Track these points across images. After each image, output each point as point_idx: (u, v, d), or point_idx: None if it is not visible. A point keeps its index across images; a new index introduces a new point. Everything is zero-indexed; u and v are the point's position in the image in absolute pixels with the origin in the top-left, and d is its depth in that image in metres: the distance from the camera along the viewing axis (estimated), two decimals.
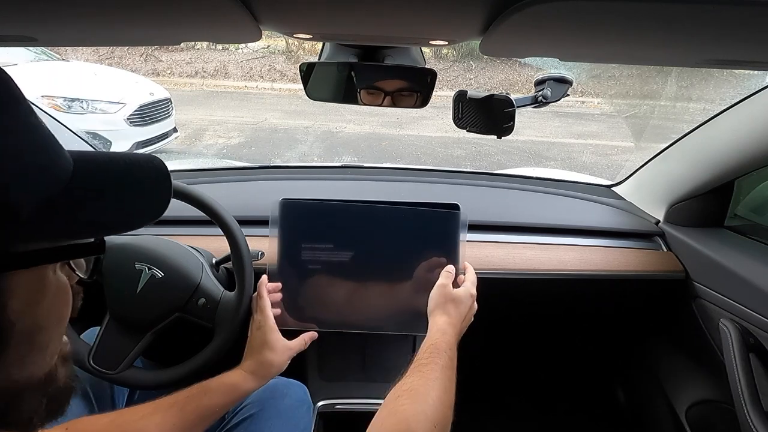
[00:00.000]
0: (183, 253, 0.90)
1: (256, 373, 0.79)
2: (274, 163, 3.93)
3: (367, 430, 0.59)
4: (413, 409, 0.60)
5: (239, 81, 7.59)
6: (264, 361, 0.80)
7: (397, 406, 0.61)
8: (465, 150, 5.19)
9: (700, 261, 1.08)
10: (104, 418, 0.68)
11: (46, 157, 0.33)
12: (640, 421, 1.35)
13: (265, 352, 0.81)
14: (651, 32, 0.47)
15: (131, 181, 0.38)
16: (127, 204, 0.38)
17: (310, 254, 0.98)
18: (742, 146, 1.00)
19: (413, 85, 0.87)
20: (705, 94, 4.97)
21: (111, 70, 5.75)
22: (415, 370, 0.68)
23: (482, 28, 0.49)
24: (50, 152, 0.34)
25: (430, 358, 0.69)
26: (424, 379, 0.66)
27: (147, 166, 0.40)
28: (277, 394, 0.87)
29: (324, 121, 5.84)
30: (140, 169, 0.39)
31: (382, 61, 0.83)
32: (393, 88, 0.88)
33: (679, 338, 1.24)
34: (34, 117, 0.33)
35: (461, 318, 0.81)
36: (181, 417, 0.70)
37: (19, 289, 0.33)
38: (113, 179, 0.37)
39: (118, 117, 3.97)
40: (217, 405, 0.74)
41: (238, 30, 0.56)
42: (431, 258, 0.95)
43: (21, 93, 0.33)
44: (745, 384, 0.87)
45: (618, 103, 6.86)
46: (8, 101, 0.32)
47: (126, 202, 0.38)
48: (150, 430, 0.67)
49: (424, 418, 0.59)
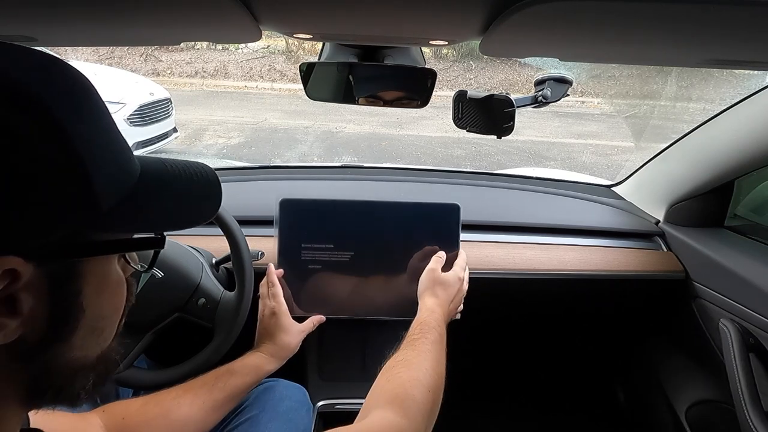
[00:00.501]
0: (183, 253, 0.90)
1: (275, 355, 0.85)
2: (274, 163, 3.93)
3: (367, 396, 0.64)
4: (408, 375, 0.66)
5: (239, 81, 7.59)
6: (282, 343, 0.86)
7: (393, 374, 0.67)
8: (465, 150, 5.19)
9: (700, 261, 1.08)
10: (138, 401, 0.72)
11: (123, 158, 0.38)
12: (640, 421, 1.35)
13: (281, 335, 0.86)
14: (651, 32, 0.47)
15: (186, 185, 0.43)
16: (182, 205, 0.43)
17: (310, 254, 0.98)
18: (742, 146, 1.00)
19: (412, 93, 0.88)
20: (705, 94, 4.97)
21: (111, 70, 5.75)
22: (407, 344, 0.73)
23: (482, 28, 0.49)
24: (125, 153, 0.38)
25: (421, 333, 0.75)
26: (417, 351, 0.71)
27: (200, 170, 0.45)
28: (276, 396, 0.87)
29: (324, 121, 5.84)
30: (194, 174, 0.44)
31: (382, 61, 0.83)
32: (391, 97, 0.88)
33: (679, 338, 1.24)
34: (111, 120, 0.38)
35: (449, 299, 0.85)
36: (210, 396, 0.75)
37: (91, 277, 0.36)
38: (171, 183, 0.42)
39: (118, 117, 3.96)
40: (243, 384, 0.80)
41: (238, 30, 0.56)
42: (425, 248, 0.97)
43: (99, 95, 0.37)
44: (745, 384, 0.87)
45: (618, 103, 6.86)
46: (93, 102, 0.36)
47: (182, 203, 0.43)
48: (183, 409, 0.72)
49: (418, 383, 0.64)
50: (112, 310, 0.41)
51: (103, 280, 0.38)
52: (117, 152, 0.37)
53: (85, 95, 0.36)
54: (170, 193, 0.42)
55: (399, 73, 0.87)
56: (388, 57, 0.83)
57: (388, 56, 0.83)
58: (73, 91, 0.35)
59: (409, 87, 0.88)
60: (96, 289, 0.37)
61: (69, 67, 0.36)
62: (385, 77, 0.88)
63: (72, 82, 0.35)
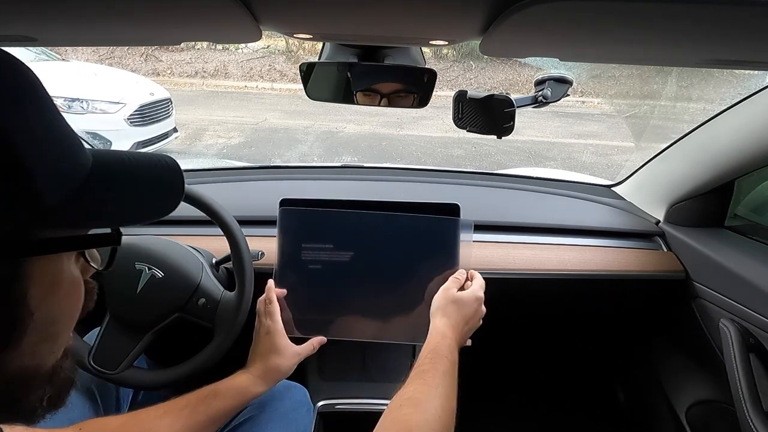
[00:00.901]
0: (183, 253, 0.90)
1: (264, 378, 0.79)
2: (274, 163, 3.93)
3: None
4: (416, 418, 0.60)
5: (239, 81, 7.59)
6: (272, 365, 0.80)
7: (400, 415, 0.61)
8: (465, 150, 5.19)
9: (700, 261, 1.08)
10: (117, 420, 0.69)
11: (67, 149, 0.36)
12: (640, 421, 1.35)
13: (273, 357, 0.80)
14: (651, 32, 0.47)
15: (146, 176, 0.40)
16: (142, 197, 0.40)
17: (311, 254, 0.98)
18: (742, 146, 0.99)
19: (410, 86, 0.87)
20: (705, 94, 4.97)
21: (111, 70, 5.75)
22: (416, 377, 0.67)
23: (482, 28, 0.49)
24: (72, 144, 0.36)
25: (431, 363, 0.69)
26: (426, 386, 0.65)
27: (160, 162, 0.42)
28: (276, 396, 0.87)
29: (324, 121, 5.84)
30: (154, 165, 0.41)
31: (382, 61, 0.83)
32: (389, 90, 0.88)
33: (679, 338, 1.24)
34: (56, 112, 0.36)
35: (464, 320, 0.79)
36: (192, 418, 0.70)
37: (38, 278, 0.34)
38: (129, 173, 0.39)
39: (118, 117, 3.97)
40: (227, 408, 0.75)
41: (238, 30, 0.56)
42: (437, 268, 0.94)
43: (45, 89, 0.35)
44: (745, 384, 0.87)
45: (618, 103, 6.86)
46: (35, 95, 0.34)
47: (141, 195, 0.40)
48: (162, 430, 0.68)
49: (427, 427, 0.59)
50: (66, 314, 0.38)
51: (55, 281, 0.36)
52: (62, 144, 0.35)
53: (25, 87, 0.34)
54: (126, 185, 0.39)
55: (399, 72, 0.87)
56: (388, 57, 0.83)
57: (388, 56, 0.83)
58: (13, 83, 0.33)
59: (409, 87, 0.88)
60: (46, 291, 0.35)
61: (8, 59, 0.34)
62: (385, 77, 0.88)
63: (11, 74, 0.33)
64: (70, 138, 0.36)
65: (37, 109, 0.34)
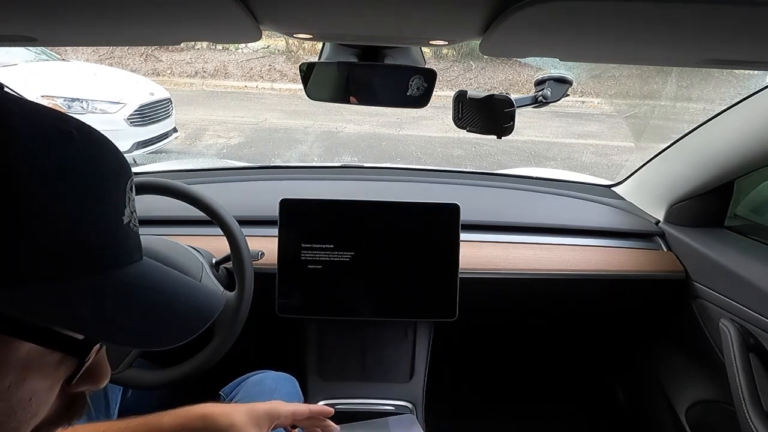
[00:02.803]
0: (183, 253, 0.90)
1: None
2: (274, 163, 3.93)
3: None
4: None
5: (239, 81, 7.58)
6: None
7: None
8: (465, 150, 5.19)
9: (700, 261, 1.08)
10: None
11: (81, 236, 0.32)
12: (640, 421, 1.35)
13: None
14: (651, 32, 0.47)
15: (173, 307, 0.36)
16: (151, 326, 0.35)
17: (311, 254, 0.99)
18: (742, 146, 0.99)
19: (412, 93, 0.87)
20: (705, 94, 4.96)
21: (111, 70, 5.75)
22: None
23: (482, 28, 0.49)
24: (100, 235, 0.33)
25: None
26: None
27: (199, 301, 0.37)
28: (266, 390, 0.86)
29: (324, 121, 5.83)
30: (193, 300, 0.37)
31: (382, 61, 0.83)
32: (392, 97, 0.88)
33: (679, 338, 1.24)
34: (108, 200, 0.33)
35: None
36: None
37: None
38: (156, 296, 0.36)
39: (118, 117, 3.96)
40: None
41: (238, 30, 0.55)
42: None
43: (108, 178, 0.33)
44: (745, 384, 0.87)
45: (618, 103, 6.86)
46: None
47: (152, 324, 0.35)
48: None
49: None
50: (24, 409, 0.32)
51: (21, 368, 0.31)
52: (82, 226, 0.31)
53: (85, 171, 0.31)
54: (136, 301, 0.34)
55: (399, 72, 0.86)
56: (389, 57, 0.83)
57: (389, 56, 0.83)
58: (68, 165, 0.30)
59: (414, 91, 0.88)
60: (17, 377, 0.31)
61: (96, 142, 0.32)
62: (385, 77, 0.88)
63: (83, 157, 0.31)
64: (117, 230, 0.33)
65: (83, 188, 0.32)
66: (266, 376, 0.89)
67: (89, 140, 0.33)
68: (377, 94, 0.87)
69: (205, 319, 0.37)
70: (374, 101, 0.89)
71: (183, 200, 0.87)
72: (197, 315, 0.37)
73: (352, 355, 1.11)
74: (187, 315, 0.37)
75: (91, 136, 0.34)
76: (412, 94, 0.85)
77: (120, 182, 0.34)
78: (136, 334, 0.34)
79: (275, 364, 0.95)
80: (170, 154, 4.47)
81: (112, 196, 0.34)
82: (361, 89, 0.87)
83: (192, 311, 0.37)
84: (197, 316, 0.37)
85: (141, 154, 3.98)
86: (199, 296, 0.38)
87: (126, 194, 0.35)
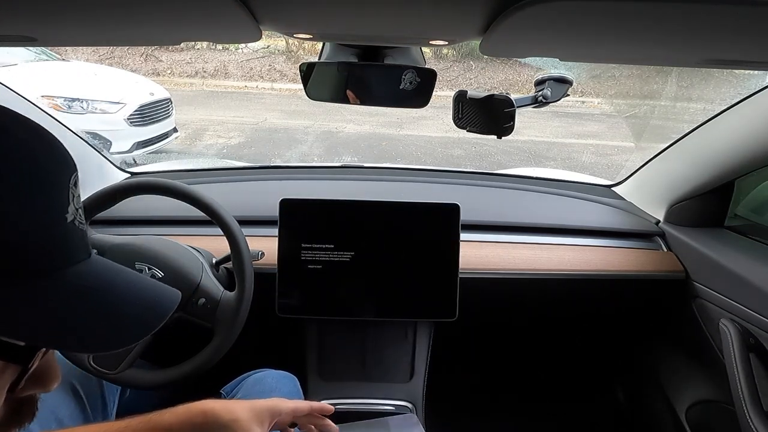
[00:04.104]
0: (183, 253, 0.90)
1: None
2: (274, 163, 3.93)
3: None
4: None
5: (239, 81, 7.58)
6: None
7: None
8: (465, 150, 5.18)
9: (700, 261, 1.08)
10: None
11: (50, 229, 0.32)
12: (640, 421, 1.35)
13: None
14: (651, 32, 0.47)
15: (123, 312, 0.34)
16: (97, 330, 0.33)
17: (311, 254, 0.99)
18: (742, 146, 0.99)
19: (412, 93, 0.87)
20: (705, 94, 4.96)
21: (111, 70, 5.75)
22: None
23: (482, 28, 0.49)
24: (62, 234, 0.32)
25: None
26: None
27: (150, 302, 0.36)
28: (266, 388, 0.86)
29: (324, 121, 5.83)
30: (143, 301, 0.36)
31: (382, 60, 0.83)
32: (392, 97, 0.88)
33: (679, 338, 1.24)
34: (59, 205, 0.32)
35: None
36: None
37: None
38: (103, 298, 0.34)
39: (118, 117, 3.96)
40: None
41: (238, 30, 0.55)
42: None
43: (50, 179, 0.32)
44: (745, 384, 0.87)
45: (618, 103, 6.86)
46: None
47: (98, 327, 0.33)
48: None
49: None
50: None
51: None
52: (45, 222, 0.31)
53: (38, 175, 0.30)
54: (81, 303, 0.32)
55: (399, 72, 0.86)
56: (389, 57, 0.83)
57: (389, 56, 0.83)
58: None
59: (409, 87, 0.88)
60: None
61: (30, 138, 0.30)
62: (385, 77, 0.88)
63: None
64: (63, 228, 0.32)
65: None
66: (267, 375, 0.89)
67: (27, 133, 0.32)
68: (377, 94, 0.88)
69: (159, 317, 0.36)
70: (374, 101, 0.89)
71: (183, 200, 0.87)
72: (151, 313, 0.36)
73: (352, 355, 1.11)
74: (140, 314, 0.35)
75: (30, 128, 0.32)
76: (404, 87, 0.84)
77: (63, 178, 0.33)
78: (83, 338, 0.32)
79: (275, 364, 0.95)
80: (170, 154, 4.47)
81: (55, 193, 0.32)
82: (361, 89, 0.87)
83: (145, 310, 0.36)
84: (151, 314, 0.36)
85: (141, 154, 3.98)
86: (152, 293, 0.37)
87: (69, 190, 0.33)
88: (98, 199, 0.88)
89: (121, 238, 0.90)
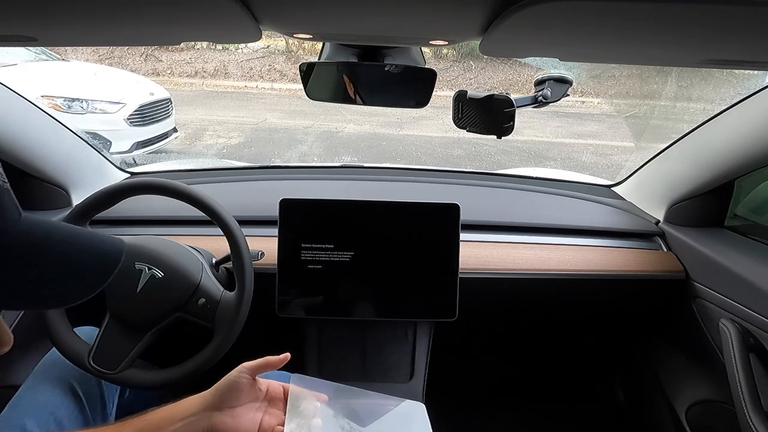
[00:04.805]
0: (183, 253, 0.90)
1: None
2: (274, 163, 3.93)
3: None
4: None
5: (239, 81, 7.58)
6: None
7: None
8: (465, 150, 5.18)
9: (700, 261, 1.08)
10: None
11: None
12: (640, 421, 1.35)
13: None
14: (651, 32, 0.47)
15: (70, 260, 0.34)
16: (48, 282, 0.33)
17: (311, 254, 0.99)
18: (742, 146, 0.99)
19: (412, 93, 0.87)
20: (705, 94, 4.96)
21: (111, 70, 5.75)
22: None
23: (482, 28, 0.49)
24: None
25: None
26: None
27: (96, 250, 0.35)
28: None
29: (324, 121, 5.83)
30: (89, 248, 0.35)
31: (382, 60, 0.83)
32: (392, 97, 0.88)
33: (679, 338, 1.24)
34: None
35: None
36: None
37: None
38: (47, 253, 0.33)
39: (118, 117, 3.96)
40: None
41: (238, 30, 0.55)
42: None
43: None
44: (745, 384, 0.87)
45: (618, 103, 6.86)
46: None
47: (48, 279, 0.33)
48: None
49: None
50: None
51: None
52: None
53: None
54: (18, 263, 0.33)
55: (399, 72, 0.86)
56: (388, 57, 0.83)
57: (388, 56, 0.83)
58: None
59: (409, 87, 0.88)
60: None
61: None
62: (385, 77, 0.88)
63: None
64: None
65: None
66: (266, 375, 0.88)
67: None
68: (377, 94, 0.88)
69: (107, 270, 0.35)
70: (374, 101, 0.89)
71: (183, 200, 0.87)
72: (99, 267, 0.35)
73: (352, 355, 1.11)
74: (85, 269, 0.35)
75: None
76: (404, 87, 0.85)
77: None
78: (24, 297, 0.32)
79: None
80: (170, 154, 4.47)
81: None
82: (361, 89, 0.87)
83: (91, 264, 0.35)
84: (99, 267, 0.35)
85: (141, 154, 3.98)
86: (96, 246, 0.36)
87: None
88: (98, 199, 0.88)
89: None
